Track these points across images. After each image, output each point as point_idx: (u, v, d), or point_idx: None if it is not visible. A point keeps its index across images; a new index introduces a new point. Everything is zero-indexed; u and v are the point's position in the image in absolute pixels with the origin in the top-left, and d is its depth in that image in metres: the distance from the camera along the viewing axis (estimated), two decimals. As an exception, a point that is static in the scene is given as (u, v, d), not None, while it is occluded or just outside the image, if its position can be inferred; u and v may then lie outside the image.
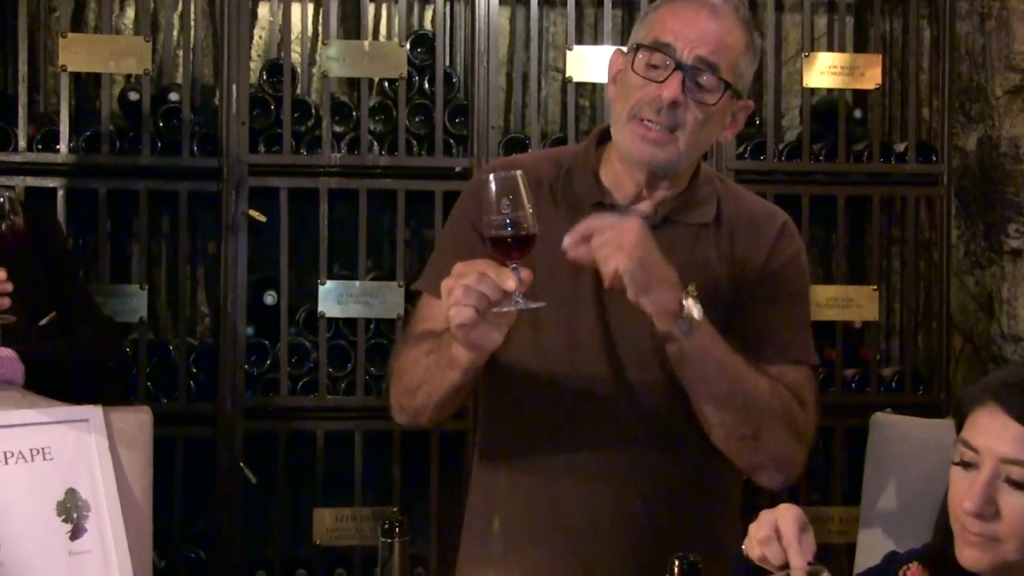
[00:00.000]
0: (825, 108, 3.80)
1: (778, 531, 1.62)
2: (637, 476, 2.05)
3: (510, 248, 1.74)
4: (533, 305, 1.78)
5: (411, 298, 3.54)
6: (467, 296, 1.74)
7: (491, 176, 1.75)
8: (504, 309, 1.76)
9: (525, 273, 1.76)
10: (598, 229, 1.82)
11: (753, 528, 1.66)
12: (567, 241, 1.82)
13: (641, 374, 2.03)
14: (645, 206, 2.08)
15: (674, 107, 1.96)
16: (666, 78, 1.97)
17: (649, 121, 1.98)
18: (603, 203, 2.07)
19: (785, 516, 1.63)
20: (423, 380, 1.99)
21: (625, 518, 2.05)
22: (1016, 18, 3.68)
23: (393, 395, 2.09)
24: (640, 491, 2.05)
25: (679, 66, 1.96)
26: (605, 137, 2.13)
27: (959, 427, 1.69)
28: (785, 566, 1.61)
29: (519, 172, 1.77)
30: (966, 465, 1.65)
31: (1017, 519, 1.60)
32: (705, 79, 1.97)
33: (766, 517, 1.65)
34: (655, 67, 1.98)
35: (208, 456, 3.52)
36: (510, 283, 1.74)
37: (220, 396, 3.49)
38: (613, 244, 1.80)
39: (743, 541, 1.70)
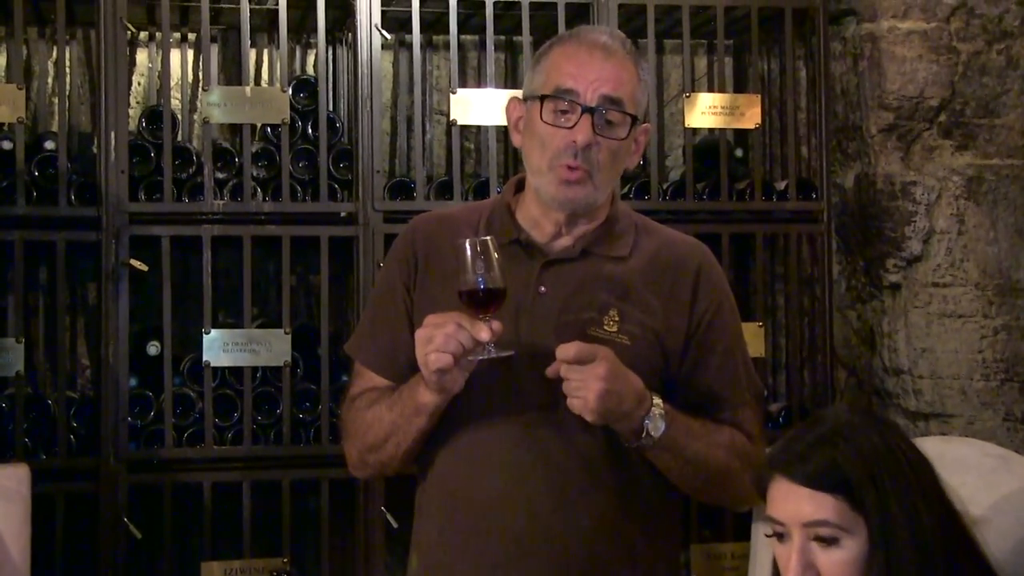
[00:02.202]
0: (707, 148, 3.85)
1: None
2: (570, 504, 2.11)
3: (483, 303, 1.96)
4: (504, 354, 1.97)
5: (298, 346, 3.56)
6: (447, 344, 1.93)
7: (467, 241, 1.97)
8: (479, 357, 1.96)
9: (496, 325, 1.95)
10: (573, 359, 1.97)
11: None
12: (550, 371, 1.99)
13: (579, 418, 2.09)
14: (564, 241, 2.18)
15: (588, 148, 2.07)
16: (576, 122, 2.07)
17: (569, 167, 2.09)
18: (519, 240, 2.17)
19: None
20: (390, 433, 2.12)
21: (556, 545, 2.10)
22: (887, 58, 3.78)
23: (353, 453, 2.22)
24: (572, 519, 2.10)
25: (586, 109, 2.07)
26: (523, 185, 2.24)
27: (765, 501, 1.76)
28: None
29: (490, 238, 1.98)
30: (779, 536, 1.72)
31: (837, 575, 1.66)
32: (612, 116, 2.09)
33: None
34: (563, 112, 2.09)
35: (90, 512, 3.44)
36: (484, 334, 1.94)
37: (102, 450, 3.41)
38: (581, 383, 1.96)
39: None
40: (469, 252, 1.97)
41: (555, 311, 2.12)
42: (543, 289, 2.14)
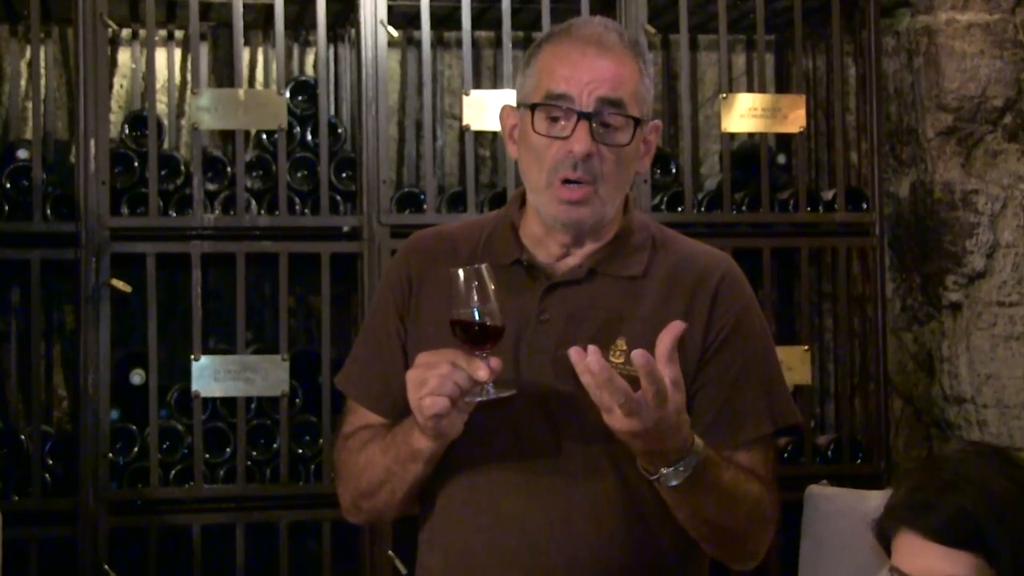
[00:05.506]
0: (746, 154, 3.83)
1: None
2: (579, 563, 2.03)
3: (479, 338, 1.90)
4: (505, 394, 1.93)
5: (296, 374, 3.55)
6: (442, 386, 1.87)
7: (460, 271, 1.91)
8: (477, 399, 1.91)
9: (495, 362, 1.89)
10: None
11: None
12: (589, 365, 1.80)
13: (586, 453, 2.02)
14: (571, 261, 2.09)
15: (588, 159, 1.99)
16: (572, 131, 1.99)
17: (568, 181, 2.00)
18: (521, 261, 2.09)
19: None
20: (384, 479, 2.07)
21: None
22: (945, 55, 3.80)
23: (347, 497, 2.17)
24: (589, 566, 2.04)
25: (582, 115, 1.99)
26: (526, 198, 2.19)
27: (887, 551, 1.75)
28: None
29: (485, 265, 1.92)
30: None
31: None
32: (612, 119, 2.01)
33: None
34: (556, 120, 2.01)
35: (68, 559, 3.40)
36: (482, 373, 1.87)
37: (80, 490, 3.38)
38: (631, 411, 1.84)
39: None
40: (463, 283, 1.91)
41: (554, 342, 2.03)
42: (545, 316, 2.06)
